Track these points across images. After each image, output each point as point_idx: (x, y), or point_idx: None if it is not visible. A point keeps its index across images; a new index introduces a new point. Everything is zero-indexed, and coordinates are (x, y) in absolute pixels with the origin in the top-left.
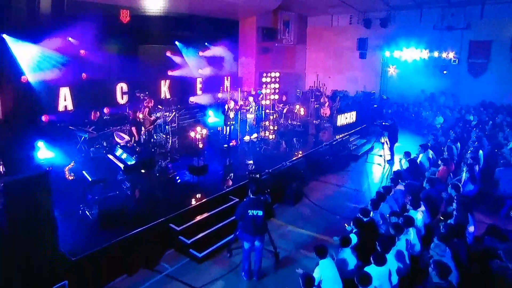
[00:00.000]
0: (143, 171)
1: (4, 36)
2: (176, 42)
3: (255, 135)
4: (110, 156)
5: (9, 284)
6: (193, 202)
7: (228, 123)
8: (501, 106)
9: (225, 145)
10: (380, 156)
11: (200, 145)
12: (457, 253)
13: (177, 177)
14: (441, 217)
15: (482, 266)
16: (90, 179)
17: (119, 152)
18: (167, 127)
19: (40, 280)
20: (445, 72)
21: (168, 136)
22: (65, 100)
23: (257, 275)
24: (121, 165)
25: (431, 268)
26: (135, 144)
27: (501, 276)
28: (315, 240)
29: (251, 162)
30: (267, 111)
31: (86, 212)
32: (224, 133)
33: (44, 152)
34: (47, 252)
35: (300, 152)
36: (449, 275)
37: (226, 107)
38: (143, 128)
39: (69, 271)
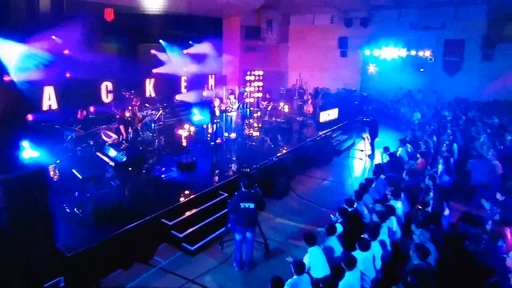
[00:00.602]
0: (131, 168)
1: None
2: (161, 41)
3: (234, 134)
4: (100, 154)
5: (7, 280)
6: (184, 197)
7: (215, 121)
8: (473, 102)
9: (212, 143)
10: (362, 151)
11: (188, 143)
12: (435, 238)
13: (166, 174)
14: (420, 206)
15: (457, 249)
16: (80, 177)
17: (109, 150)
18: (153, 125)
19: (36, 276)
20: (422, 70)
21: (154, 134)
22: (49, 99)
23: (248, 265)
24: (112, 163)
25: (412, 251)
26: (124, 142)
27: (473, 257)
28: (303, 231)
29: (234, 158)
30: (251, 108)
31: (76, 210)
32: (210, 131)
33: (29, 152)
34: (44, 248)
35: (285, 148)
36: (428, 257)
37: (216, 105)
38: (130, 127)
39: (64, 267)
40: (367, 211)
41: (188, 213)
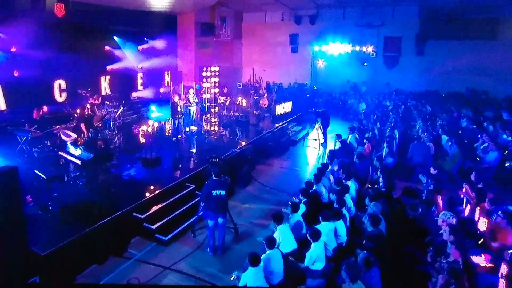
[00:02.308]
0: (97, 166)
1: None
2: (115, 37)
3: (194, 128)
4: (63, 154)
5: None
6: (153, 191)
7: (177, 116)
8: (409, 92)
9: (174, 138)
10: (315, 140)
11: (148, 139)
12: (384, 210)
13: (132, 170)
14: (369, 185)
15: (401, 217)
16: (44, 177)
17: (71, 149)
18: (111, 123)
19: (11, 277)
20: (365, 64)
21: (114, 132)
22: None
23: (221, 249)
24: (78, 161)
25: (367, 220)
26: (86, 139)
27: (413, 222)
28: (268, 214)
29: (197, 152)
30: (209, 104)
31: (44, 209)
32: (168, 127)
33: None
34: (18, 248)
35: (245, 141)
36: (380, 224)
37: (176, 101)
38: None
39: (39, 266)
40: (325, 191)
41: (159, 206)
